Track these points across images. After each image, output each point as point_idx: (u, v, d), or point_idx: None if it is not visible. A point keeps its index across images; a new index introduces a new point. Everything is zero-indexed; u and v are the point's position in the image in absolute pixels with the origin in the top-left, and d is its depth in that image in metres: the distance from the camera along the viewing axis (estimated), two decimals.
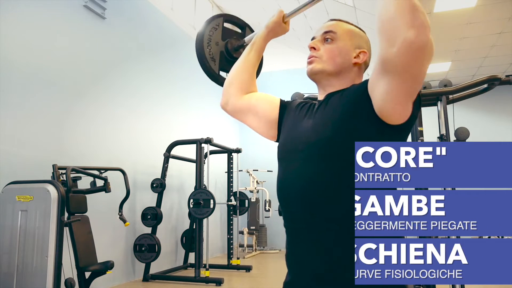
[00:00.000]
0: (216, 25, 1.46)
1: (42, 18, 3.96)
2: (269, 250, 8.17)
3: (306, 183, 0.95)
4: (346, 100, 0.96)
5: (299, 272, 0.97)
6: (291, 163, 1.00)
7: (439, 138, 3.31)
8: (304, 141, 0.99)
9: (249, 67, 1.21)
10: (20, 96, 3.66)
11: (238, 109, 1.19)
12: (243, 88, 1.19)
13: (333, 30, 1.05)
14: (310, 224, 0.94)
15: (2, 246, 2.84)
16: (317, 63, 1.05)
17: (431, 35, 0.78)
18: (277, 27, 1.22)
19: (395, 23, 0.78)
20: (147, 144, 5.48)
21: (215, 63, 1.42)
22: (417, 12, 0.76)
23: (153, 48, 5.89)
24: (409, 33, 0.75)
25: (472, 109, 7.72)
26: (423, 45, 0.76)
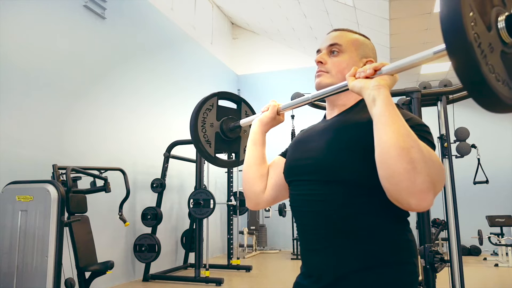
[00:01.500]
0: (210, 105, 1.43)
1: (42, 18, 3.96)
2: (269, 250, 8.17)
3: (315, 202, 0.95)
4: (356, 129, 0.94)
5: (312, 277, 0.97)
6: (299, 185, 1.00)
7: (439, 138, 3.31)
8: (311, 162, 0.98)
9: (259, 162, 1.18)
10: (20, 96, 3.66)
11: (271, 200, 1.16)
12: (264, 182, 1.16)
13: (339, 42, 1.05)
14: (321, 238, 0.94)
15: (2, 246, 2.84)
16: (325, 77, 1.04)
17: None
18: (271, 121, 1.20)
19: (395, 187, 0.77)
20: (147, 144, 5.48)
21: (211, 145, 1.40)
22: (415, 173, 0.74)
23: (153, 48, 5.89)
24: (410, 200, 0.75)
25: (472, 109, 7.72)
26: (427, 208, 0.76)
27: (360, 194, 0.90)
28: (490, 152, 6.97)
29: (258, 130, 1.20)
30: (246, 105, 1.54)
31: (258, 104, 1.54)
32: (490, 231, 6.49)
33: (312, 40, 7.99)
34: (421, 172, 0.74)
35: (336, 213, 0.92)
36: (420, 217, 3.10)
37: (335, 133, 0.98)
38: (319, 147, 0.98)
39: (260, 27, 8.81)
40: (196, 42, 7.28)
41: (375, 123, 0.82)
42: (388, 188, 0.79)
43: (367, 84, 0.86)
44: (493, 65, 0.65)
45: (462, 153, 4.62)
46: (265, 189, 1.15)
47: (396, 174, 0.76)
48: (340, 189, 0.91)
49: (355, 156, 0.90)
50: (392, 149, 0.77)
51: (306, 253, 1.00)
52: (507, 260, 6.20)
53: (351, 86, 0.90)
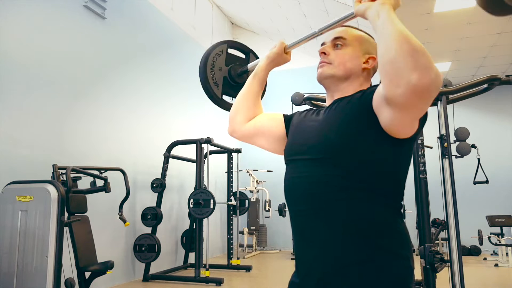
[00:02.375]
0: (220, 51, 1.49)
1: (42, 18, 3.96)
2: (269, 250, 8.17)
3: (312, 184, 0.96)
4: (351, 107, 0.97)
5: (306, 274, 0.97)
6: (298, 165, 1.02)
7: (439, 138, 3.31)
8: (309, 144, 1.00)
9: (253, 96, 1.24)
10: (20, 96, 3.66)
11: (246, 135, 1.22)
12: (248, 116, 1.23)
13: (343, 36, 1.08)
14: (316, 224, 0.95)
15: (2, 246, 2.84)
16: (328, 68, 1.06)
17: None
18: (278, 57, 1.24)
19: (397, 66, 0.77)
20: (147, 144, 5.48)
21: (218, 88, 1.46)
22: (418, 55, 0.75)
23: (153, 48, 5.89)
24: (412, 76, 0.75)
25: (472, 109, 7.72)
26: (428, 87, 0.75)
27: (353, 179, 0.91)
28: (490, 152, 6.98)
29: (263, 65, 1.25)
30: (254, 56, 1.61)
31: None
32: (490, 231, 6.49)
33: (312, 40, 7.98)
34: (424, 55, 0.76)
35: (329, 196, 0.93)
36: (420, 217, 3.10)
37: (334, 115, 1.00)
38: (318, 129, 1.00)
39: (260, 27, 8.81)
40: (196, 42, 7.28)
41: (379, 29, 0.85)
42: (389, 70, 0.79)
43: (372, 4, 0.90)
44: None
45: (462, 153, 4.62)
46: (245, 122, 1.22)
47: (400, 53, 0.77)
48: (335, 171, 0.93)
49: (350, 137, 0.93)
50: (396, 35, 0.79)
51: (299, 246, 1.01)
52: (507, 260, 6.20)
53: (357, 9, 0.94)
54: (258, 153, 8.33)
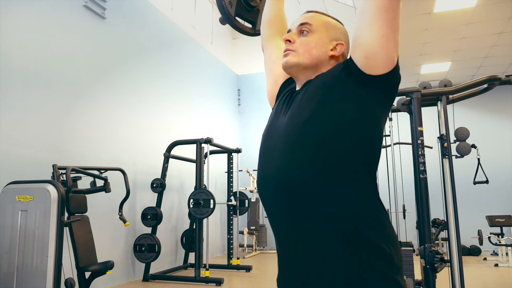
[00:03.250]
0: None
1: (42, 18, 3.96)
2: (269, 250, 8.17)
3: (283, 175, 0.91)
4: (322, 81, 0.96)
5: (285, 267, 0.95)
6: (269, 156, 0.98)
7: (439, 138, 3.31)
8: (281, 132, 0.96)
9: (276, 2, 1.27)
10: (20, 96, 3.66)
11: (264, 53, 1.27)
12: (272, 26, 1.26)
13: (309, 22, 1.03)
14: (290, 218, 0.91)
15: (2, 246, 2.84)
16: (292, 56, 1.02)
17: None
18: None
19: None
20: (147, 144, 5.48)
21: (232, 6, 1.49)
22: None
23: (153, 48, 5.89)
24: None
25: (472, 109, 7.72)
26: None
27: (328, 164, 0.87)
28: (490, 152, 6.97)
29: None
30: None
31: (258, 104, 1.56)
32: (490, 231, 6.49)
33: None
34: None
35: (310, 188, 0.88)
36: (420, 217, 3.10)
37: (301, 98, 0.98)
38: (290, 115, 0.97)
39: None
40: (196, 42, 7.28)
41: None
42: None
43: None
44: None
45: (462, 153, 4.62)
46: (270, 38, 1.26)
47: None
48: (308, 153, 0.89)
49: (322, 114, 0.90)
50: None
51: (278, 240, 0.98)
52: (507, 260, 6.20)
53: None
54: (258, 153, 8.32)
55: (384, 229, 0.89)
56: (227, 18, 1.47)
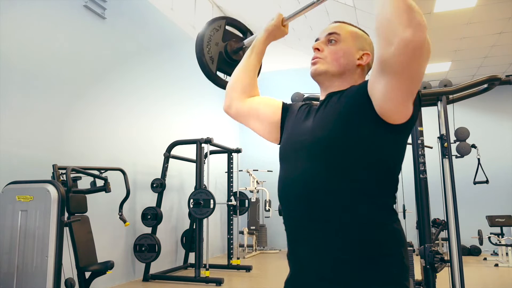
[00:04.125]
0: (218, 26, 1.47)
1: (42, 18, 3.96)
2: (269, 250, 8.17)
3: (306, 183, 0.95)
4: (346, 100, 0.96)
5: (300, 271, 0.97)
6: (292, 163, 1.01)
7: (439, 138, 3.31)
8: (304, 141, 0.99)
9: (250, 70, 1.23)
10: (20, 96, 3.66)
11: (241, 113, 1.21)
12: (245, 92, 1.21)
13: (337, 32, 1.06)
14: (310, 223, 0.94)
15: (2, 246, 2.84)
16: (321, 64, 1.05)
17: (430, 36, 0.79)
18: (276, 30, 1.24)
19: (392, 23, 0.78)
20: (147, 144, 5.48)
21: (213, 62, 1.43)
22: (413, 12, 0.77)
23: (153, 48, 5.89)
24: (406, 32, 0.76)
25: (472, 109, 7.72)
26: (420, 45, 0.76)
27: (345, 176, 0.91)
28: (490, 152, 6.97)
29: (261, 38, 1.25)
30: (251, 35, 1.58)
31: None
32: (490, 231, 6.49)
33: (312, 40, 7.92)
34: (418, 12, 0.78)
35: (321, 192, 0.92)
36: (420, 217, 3.10)
37: (325, 111, 1.00)
38: (312, 125, 1.00)
39: (260, 27, 8.78)
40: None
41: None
42: (385, 28, 0.80)
43: None
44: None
45: (462, 153, 4.62)
46: (242, 98, 1.20)
47: (395, 11, 0.78)
48: (329, 165, 0.92)
49: (345, 129, 0.92)
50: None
51: (293, 243, 1.00)
52: (507, 260, 6.20)
53: None
54: (258, 153, 8.33)
55: (398, 236, 0.93)
56: (208, 76, 1.41)
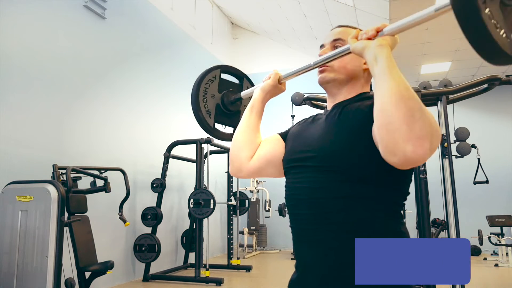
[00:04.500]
0: (213, 77, 1.44)
1: (42, 18, 3.96)
2: (269, 250, 8.17)
3: (313, 191, 0.95)
4: (356, 119, 0.95)
5: (305, 273, 0.98)
6: (299, 172, 1.01)
7: None
8: (311, 151, 0.99)
9: (253, 130, 1.19)
10: (20, 96, 3.66)
11: (253, 171, 1.16)
12: (252, 151, 1.16)
13: (342, 38, 1.06)
14: (315, 227, 0.95)
15: (2, 246, 2.84)
16: (328, 72, 1.05)
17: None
18: (273, 89, 1.20)
19: (392, 134, 0.76)
20: (147, 144, 5.48)
21: (211, 116, 1.39)
22: (413, 121, 0.75)
23: (153, 48, 5.89)
24: (407, 147, 0.74)
25: (472, 109, 7.72)
26: (422, 158, 0.75)
27: (355, 185, 0.91)
28: (490, 152, 6.97)
29: (258, 97, 1.21)
30: (248, 81, 1.56)
31: None
32: (490, 231, 6.50)
33: (312, 40, 7.99)
34: (420, 120, 0.75)
35: (331, 202, 0.92)
36: (420, 217, 3.10)
37: (333, 123, 0.99)
38: (318, 135, 1.00)
39: (260, 27, 8.81)
40: (196, 42, 7.28)
41: (377, 79, 0.83)
42: (385, 137, 0.78)
43: (369, 44, 0.87)
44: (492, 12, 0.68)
45: (462, 153, 4.62)
46: (251, 158, 1.16)
47: (395, 120, 0.76)
48: (335, 177, 0.92)
49: (352, 144, 0.92)
50: (392, 97, 0.78)
51: (299, 246, 1.01)
52: (507, 260, 6.20)
53: (353, 47, 0.91)
54: None
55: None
56: (207, 130, 1.38)
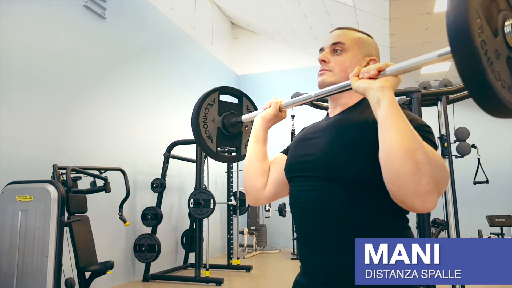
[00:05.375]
0: (211, 100, 1.43)
1: (42, 18, 3.96)
2: (269, 250, 8.17)
3: (318, 199, 0.95)
4: (361, 128, 0.94)
5: (312, 277, 0.97)
6: (302, 181, 1.00)
7: (439, 138, 3.31)
8: (314, 160, 0.98)
9: (261, 159, 1.18)
10: (20, 96, 3.66)
11: (271, 197, 1.17)
12: (265, 178, 1.17)
13: (342, 41, 1.05)
14: (320, 233, 0.95)
15: (2, 246, 2.84)
16: (328, 76, 1.04)
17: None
18: (273, 118, 1.20)
19: (400, 188, 0.77)
20: (147, 144, 5.48)
21: (212, 141, 1.40)
22: (420, 175, 0.75)
23: (153, 48, 5.89)
24: (415, 202, 0.75)
25: (472, 109, 7.68)
26: (431, 208, 0.76)
27: (361, 193, 0.90)
28: (490, 152, 6.97)
29: (260, 127, 1.20)
30: (247, 99, 1.55)
31: (258, 104, 1.55)
32: (490, 231, 6.49)
33: (312, 40, 7.99)
34: (426, 173, 0.75)
35: (338, 210, 0.92)
36: (420, 217, 3.10)
37: (338, 131, 0.98)
38: (322, 144, 0.98)
39: (260, 27, 8.81)
40: (196, 42, 7.28)
41: (380, 125, 0.82)
42: (393, 189, 0.79)
43: (371, 85, 0.86)
44: (499, 72, 0.66)
45: (462, 153, 4.62)
46: (265, 186, 1.16)
47: (401, 176, 0.76)
48: (341, 187, 0.91)
49: (358, 155, 0.90)
50: (397, 151, 0.77)
51: (305, 252, 1.00)
52: None
53: (355, 87, 0.89)
54: None
55: None
56: (209, 154, 1.39)
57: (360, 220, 0.90)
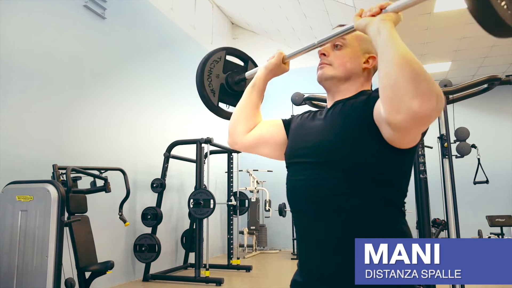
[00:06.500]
0: (218, 58, 1.46)
1: (42, 18, 3.96)
2: (269, 250, 8.17)
3: (313, 187, 0.96)
4: (354, 113, 0.96)
5: (308, 273, 0.98)
6: (299, 168, 1.02)
7: (439, 138, 3.31)
8: (310, 147, 1.00)
9: (252, 107, 1.21)
10: (20, 96, 3.66)
11: (248, 145, 1.19)
12: (249, 127, 1.20)
13: (343, 37, 1.07)
14: (317, 225, 0.95)
15: (2, 246, 2.84)
16: (328, 69, 1.06)
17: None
18: (276, 68, 1.24)
19: (398, 92, 0.76)
20: (147, 144, 5.48)
21: (215, 95, 1.43)
22: (419, 80, 0.75)
23: (153, 48, 5.89)
24: (413, 102, 0.74)
25: (472, 109, 7.72)
26: (429, 114, 0.75)
27: (356, 182, 0.91)
28: (490, 152, 6.97)
29: (261, 75, 1.24)
30: (253, 64, 1.58)
31: None
32: (490, 231, 6.49)
33: (312, 40, 7.89)
34: (425, 80, 0.75)
35: (332, 200, 0.93)
36: (420, 217, 3.10)
37: (333, 118, 1.00)
38: (319, 132, 1.00)
39: (260, 27, 8.80)
40: (196, 42, 7.28)
41: (380, 49, 0.84)
42: (390, 96, 0.78)
43: (373, 20, 0.89)
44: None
45: (462, 153, 4.62)
46: (246, 132, 1.19)
47: (400, 80, 0.76)
48: (336, 174, 0.93)
49: (353, 142, 0.92)
50: (397, 59, 0.78)
51: (301, 245, 1.01)
52: None
53: (357, 24, 0.92)
54: None
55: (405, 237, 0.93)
56: (210, 108, 1.42)
57: (354, 212, 0.91)
